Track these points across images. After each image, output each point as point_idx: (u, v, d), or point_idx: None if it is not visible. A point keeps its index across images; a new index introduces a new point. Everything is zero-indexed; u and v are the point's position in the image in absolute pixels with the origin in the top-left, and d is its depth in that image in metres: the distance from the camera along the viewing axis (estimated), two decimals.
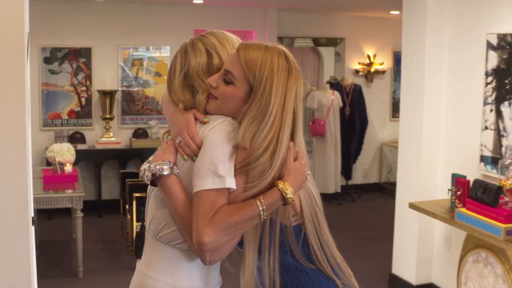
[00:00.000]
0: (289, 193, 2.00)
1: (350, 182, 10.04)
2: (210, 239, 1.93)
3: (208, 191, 1.97)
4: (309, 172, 2.16)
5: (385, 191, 10.07)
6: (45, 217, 8.17)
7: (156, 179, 2.08)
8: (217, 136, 2.02)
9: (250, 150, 1.99)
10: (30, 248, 2.42)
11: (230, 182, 1.98)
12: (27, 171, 2.38)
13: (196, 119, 2.12)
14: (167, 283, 2.11)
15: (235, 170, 2.01)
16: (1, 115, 2.36)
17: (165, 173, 2.06)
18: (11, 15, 2.36)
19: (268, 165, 2.00)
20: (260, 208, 1.97)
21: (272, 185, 2.02)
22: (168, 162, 2.09)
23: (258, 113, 2.01)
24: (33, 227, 4.45)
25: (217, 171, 1.97)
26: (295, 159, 2.08)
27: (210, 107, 2.11)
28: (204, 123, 2.09)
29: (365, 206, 9.44)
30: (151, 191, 2.21)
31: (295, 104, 2.07)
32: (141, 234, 2.23)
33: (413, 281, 5.61)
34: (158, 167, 2.07)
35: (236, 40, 2.23)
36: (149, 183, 2.12)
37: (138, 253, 2.23)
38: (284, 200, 2.01)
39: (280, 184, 2.00)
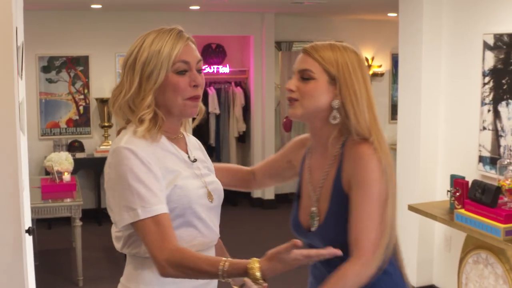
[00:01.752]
0: (258, 277, 1.82)
1: None
2: (168, 274, 1.94)
3: (143, 221, 1.96)
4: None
5: None
6: (45, 226, 8.16)
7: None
8: (121, 168, 1.99)
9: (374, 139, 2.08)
10: (24, 259, 2.41)
11: (146, 212, 1.95)
12: (19, 181, 2.38)
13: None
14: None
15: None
16: None
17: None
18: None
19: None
20: (220, 273, 1.86)
21: None
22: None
23: (353, 99, 2.12)
24: (30, 237, 4.45)
25: (129, 204, 1.96)
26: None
27: (295, 111, 2.18)
28: None
29: None
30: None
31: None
32: None
33: (414, 283, 5.58)
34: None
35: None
36: None
37: None
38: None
39: (250, 265, 1.83)
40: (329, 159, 2.18)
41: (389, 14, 9.03)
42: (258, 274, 1.83)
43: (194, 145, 2.28)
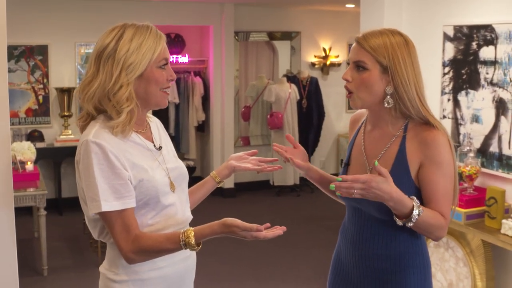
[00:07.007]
0: (191, 246, 2.13)
1: None
2: (135, 262, 2.16)
3: (106, 213, 2.12)
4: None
5: None
6: None
7: None
8: (88, 161, 2.12)
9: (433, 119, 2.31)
10: (15, 243, 2.47)
11: (107, 205, 2.10)
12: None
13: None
14: (112, 271, 2.26)
15: None
16: None
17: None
18: None
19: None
20: (182, 244, 2.12)
21: None
22: None
23: (404, 85, 2.26)
24: None
25: (93, 196, 2.10)
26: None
27: (355, 103, 2.33)
28: None
29: (324, 197, 9.29)
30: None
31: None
32: None
33: None
34: None
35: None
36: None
37: None
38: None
39: (183, 235, 2.12)
40: (389, 137, 2.36)
41: (347, 5, 9.16)
42: (192, 241, 2.12)
43: (157, 129, 2.43)
